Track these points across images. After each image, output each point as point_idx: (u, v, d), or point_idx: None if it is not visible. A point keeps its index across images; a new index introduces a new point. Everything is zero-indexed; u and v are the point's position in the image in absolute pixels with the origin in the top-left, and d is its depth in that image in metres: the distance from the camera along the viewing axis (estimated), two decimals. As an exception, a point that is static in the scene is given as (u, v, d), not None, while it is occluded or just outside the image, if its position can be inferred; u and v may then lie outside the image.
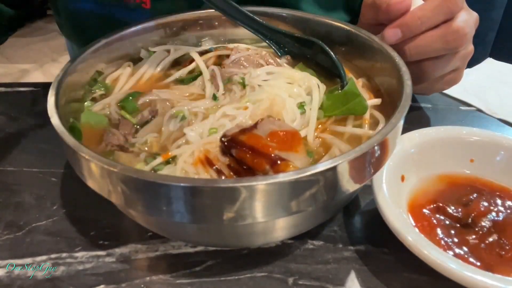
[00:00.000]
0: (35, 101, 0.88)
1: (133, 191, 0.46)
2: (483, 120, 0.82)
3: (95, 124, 0.60)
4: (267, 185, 0.43)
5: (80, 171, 0.49)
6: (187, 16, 0.76)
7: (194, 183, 0.43)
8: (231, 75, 0.65)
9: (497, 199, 0.59)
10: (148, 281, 0.54)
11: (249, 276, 0.54)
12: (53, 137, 0.50)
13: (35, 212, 0.63)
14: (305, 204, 0.46)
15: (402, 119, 0.51)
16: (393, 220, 0.52)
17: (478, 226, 0.55)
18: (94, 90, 0.66)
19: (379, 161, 0.50)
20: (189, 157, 0.51)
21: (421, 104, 0.85)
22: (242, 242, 0.57)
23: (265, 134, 0.51)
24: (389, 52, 0.62)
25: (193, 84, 0.67)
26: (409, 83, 0.55)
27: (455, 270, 0.47)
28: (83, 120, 0.60)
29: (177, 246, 0.58)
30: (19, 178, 0.69)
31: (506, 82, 0.93)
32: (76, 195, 0.66)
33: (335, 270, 0.55)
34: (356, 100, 0.58)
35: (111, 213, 0.60)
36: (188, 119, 0.59)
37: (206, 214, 0.45)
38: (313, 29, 0.73)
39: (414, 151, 0.63)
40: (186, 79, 0.68)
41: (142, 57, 0.73)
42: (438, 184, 0.62)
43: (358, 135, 0.57)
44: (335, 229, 0.60)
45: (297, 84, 0.62)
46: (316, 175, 0.44)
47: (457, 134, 0.65)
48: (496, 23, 1.38)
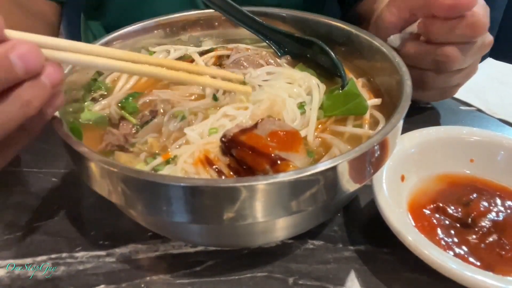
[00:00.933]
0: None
1: (133, 191, 0.46)
2: (483, 120, 0.82)
3: (95, 124, 0.60)
4: (267, 185, 0.43)
5: (80, 171, 0.49)
6: (187, 16, 0.76)
7: (194, 183, 0.43)
8: (231, 75, 0.65)
9: (497, 199, 0.59)
10: (148, 281, 0.54)
11: (249, 276, 0.54)
12: (53, 137, 0.50)
13: (35, 212, 0.63)
14: (305, 204, 0.46)
15: (402, 119, 0.51)
16: (393, 220, 0.52)
17: (478, 226, 0.55)
18: (94, 90, 0.66)
19: (379, 161, 0.50)
20: (189, 157, 0.51)
21: (421, 104, 0.85)
22: (242, 242, 0.57)
23: (265, 134, 0.51)
24: (389, 52, 0.62)
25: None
26: (409, 83, 0.55)
27: (455, 270, 0.47)
28: (83, 120, 0.60)
29: (177, 246, 0.58)
30: (19, 178, 0.69)
31: (506, 82, 0.93)
32: (77, 195, 0.66)
33: (335, 270, 0.55)
34: (356, 100, 0.58)
35: (111, 213, 0.60)
36: (188, 119, 0.59)
37: (206, 214, 0.45)
38: (313, 29, 0.73)
39: (414, 151, 0.63)
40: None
41: (142, 57, 0.73)
42: (438, 184, 0.62)
43: (358, 135, 0.57)
44: (335, 229, 0.60)
45: (297, 84, 0.62)
46: (316, 175, 0.44)
47: (457, 134, 0.65)
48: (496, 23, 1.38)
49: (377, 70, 0.66)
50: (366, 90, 0.64)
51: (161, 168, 0.52)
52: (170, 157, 0.52)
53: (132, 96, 0.64)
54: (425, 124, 0.66)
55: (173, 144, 0.56)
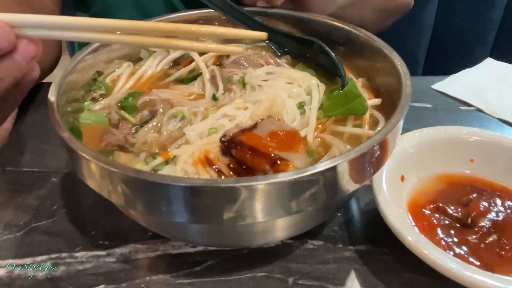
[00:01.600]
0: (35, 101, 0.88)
1: (133, 191, 0.45)
2: (483, 120, 0.82)
3: (95, 124, 0.60)
4: (267, 185, 0.43)
5: (80, 171, 0.49)
6: (187, 16, 0.76)
7: (194, 183, 0.43)
8: (231, 75, 0.65)
9: (497, 199, 0.59)
10: (148, 281, 0.54)
11: (249, 276, 0.54)
12: (53, 137, 0.50)
13: (35, 212, 0.63)
14: (305, 204, 0.46)
15: (402, 119, 0.51)
16: (393, 220, 0.52)
17: (478, 226, 0.55)
18: (94, 90, 0.66)
19: (379, 161, 0.50)
20: (189, 157, 0.51)
21: (421, 104, 0.85)
22: (242, 242, 0.57)
23: (265, 134, 0.51)
24: (389, 52, 0.62)
25: (193, 84, 0.67)
26: (409, 83, 0.55)
27: (455, 270, 0.47)
28: (83, 120, 0.60)
29: (177, 246, 0.58)
30: (19, 178, 0.69)
31: (506, 82, 0.93)
32: (76, 195, 0.66)
33: (335, 270, 0.55)
34: (356, 100, 0.58)
35: (111, 213, 0.60)
36: (187, 119, 0.59)
37: (206, 214, 0.45)
38: (313, 29, 0.73)
39: (414, 151, 0.63)
40: (186, 79, 0.68)
41: (142, 57, 0.73)
42: (438, 184, 0.62)
43: (358, 135, 0.57)
44: (335, 229, 0.60)
45: (296, 84, 0.62)
46: (316, 175, 0.44)
47: (457, 134, 0.65)
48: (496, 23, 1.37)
49: (377, 70, 0.66)
50: (366, 90, 0.64)
51: (161, 168, 0.52)
52: (170, 157, 0.52)
53: (131, 95, 0.64)
54: (425, 124, 0.66)
55: (172, 144, 0.56)
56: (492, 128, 0.80)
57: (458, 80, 0.92)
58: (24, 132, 0.79)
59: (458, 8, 1.35)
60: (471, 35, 1.38)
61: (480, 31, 1.39)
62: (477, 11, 1.35)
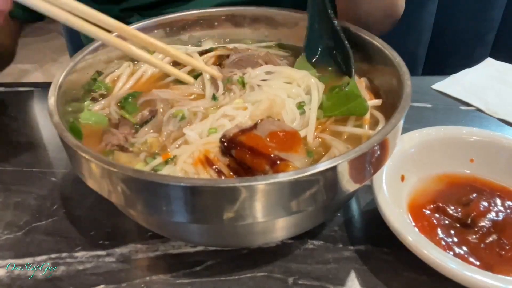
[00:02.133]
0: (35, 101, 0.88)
1: (133, 191, 0.46)
2: (483, 120, 0.82)
3: (95, 124, 0.60)
4: (267, 185, 0.43)
5: (80, 171, 0.49)
6: (187, 16, 0.76)
7: (194, 183, 0.43)
8: (231, 75, 0.65)
9: (497, 199, 0.59)
10: (148, 281, 0.54)
11: (249, 276, 0.54)
12: (53, 137, 0.50)
13: (35, 212, 0.63)
14: (305, 204, 0.46)
15: (402, 119, 0.51)
16: (393, 220, 0.52)
17: (478, 226, 0.55)
18: (94, 90, 0.66)
19: (379, 161, 0.50)
20: (189, 157, 0.51)
21: (421, 104, 0.85)
22: (242, 242, 0.57)
23: (265, 134, 0.51)
24: (389, 52, 0.62)
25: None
26: (409, 83, 0.55)
27: (455, 270, 0.47)
28: (83, 120, 0.60)
29: (177, 246, 0.58)
30: (19, 178, 0.70)
31: (506, 82, 0.93)
32: (76, 195, 0.66)
33: (335, 270, 0.55)
34: (357, 101, 0.58)
35: (111, 213, 0.60)
36: (187, 119, 0.59)
37: (206, 214, 0.45)
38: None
39: (414, 151, 0.63)
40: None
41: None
42: (438, 184, 0.62)
43: (358, 135, 0.57)
44: (335, 229, 0.60)
45: (296, 83, 0.62)
46: (316, 175, 0.44)
47: (457, 134, 0.65)
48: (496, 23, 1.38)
49: (377, 70, 0.66)
50: (367, 90, 0.64)
51: (160, 168, 0.52)
52: (170, 157, 0.52)
53: (131, 95, 0.64)
54: (425, 124, 0.66)
55: (172, 144, 0.56)
56: (492, 128, 0.80)
57: (458, 80, 0.92)
58: (24, 132, 0.79)
59: (458, 8, 1.35)
60: (471, 35, 1.38)
61: (480, 31, 1.39)
62: (477, 11, 1.35)
